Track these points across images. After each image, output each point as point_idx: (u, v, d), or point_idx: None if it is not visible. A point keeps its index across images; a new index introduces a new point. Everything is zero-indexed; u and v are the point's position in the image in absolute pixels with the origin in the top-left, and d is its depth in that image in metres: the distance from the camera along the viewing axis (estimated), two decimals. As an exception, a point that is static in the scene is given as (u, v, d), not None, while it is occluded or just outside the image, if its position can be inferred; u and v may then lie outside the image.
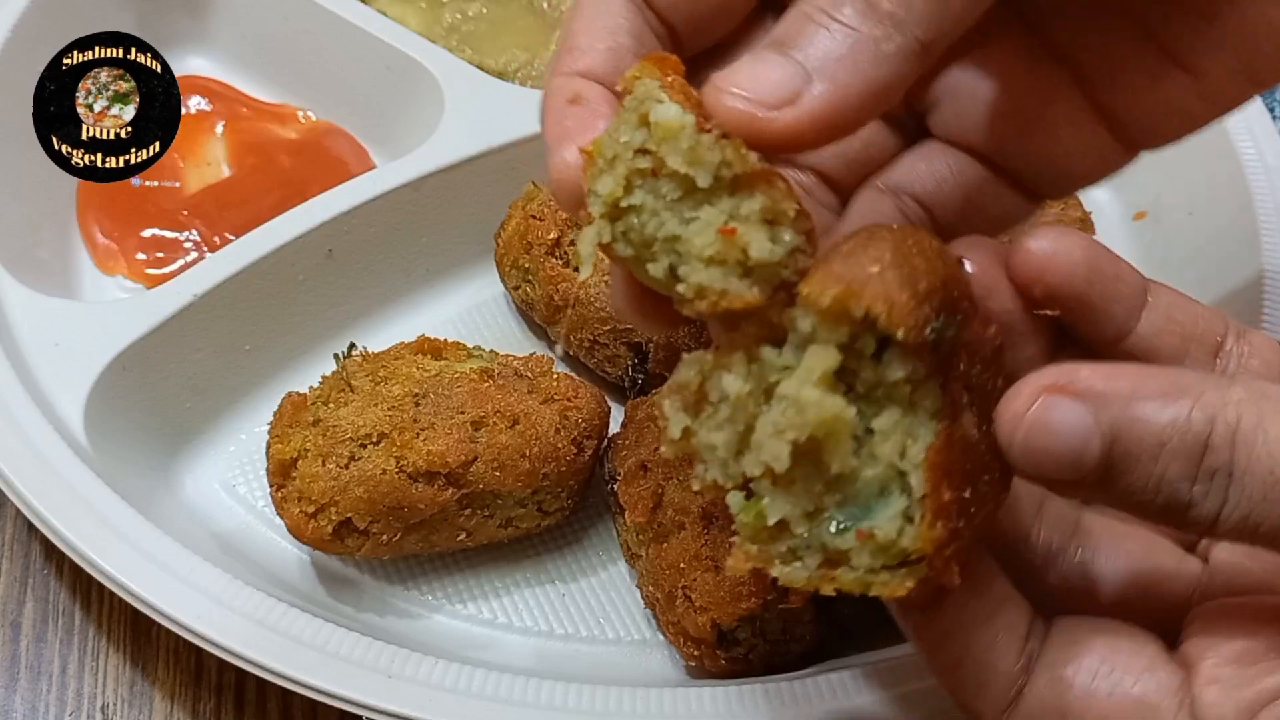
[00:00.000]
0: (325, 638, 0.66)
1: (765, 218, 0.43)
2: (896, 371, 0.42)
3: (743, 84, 0.43)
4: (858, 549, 0.43)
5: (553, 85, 0.48)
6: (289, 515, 0.71)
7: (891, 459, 0.43)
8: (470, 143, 0.88)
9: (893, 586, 0.43)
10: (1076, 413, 0.42)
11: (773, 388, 0.43)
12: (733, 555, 0.45)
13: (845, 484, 0.43)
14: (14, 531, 0.80)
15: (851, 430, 0.43)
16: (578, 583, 0.79)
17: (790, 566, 0.44)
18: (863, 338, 0.42)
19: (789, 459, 0.42)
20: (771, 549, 0.45)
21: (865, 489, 0.43)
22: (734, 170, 0.42)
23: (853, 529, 0.43)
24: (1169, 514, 0.43)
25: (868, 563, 0.43)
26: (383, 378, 0.74)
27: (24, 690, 0.75)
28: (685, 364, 0.45)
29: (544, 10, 1.06)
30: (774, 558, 0.44)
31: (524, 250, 0.85)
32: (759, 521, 0.44)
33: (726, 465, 0.44)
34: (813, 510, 0.44)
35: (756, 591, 0.67)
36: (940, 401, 0.43)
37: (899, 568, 0.43)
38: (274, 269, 0.82)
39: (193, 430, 0.82)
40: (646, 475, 0.72)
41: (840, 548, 0.43)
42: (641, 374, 0.82)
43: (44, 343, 0.77)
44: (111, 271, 0.90)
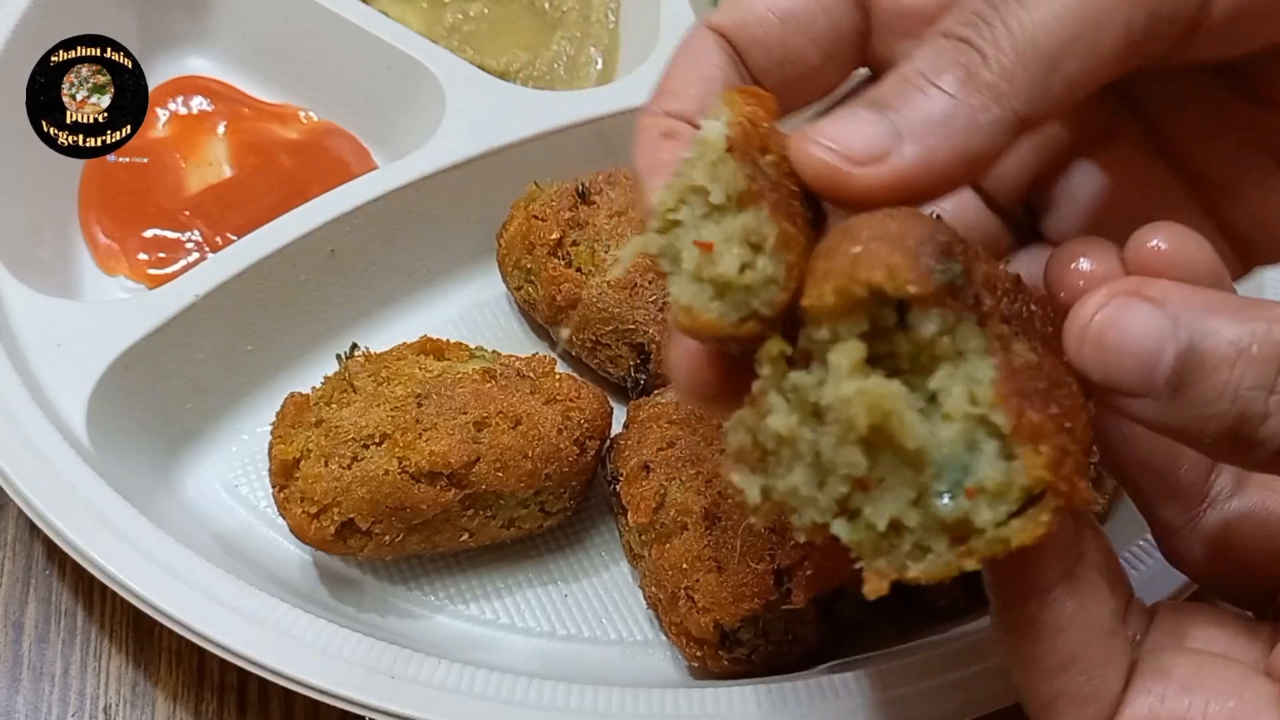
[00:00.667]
0: (327, 638, 0.66)
1: (749, 239, 0.43)
2: (927, 327, 0.42)
3: (832, 135, 0.43)
4: (975, 507, 0.42)
5: (645, 122, 0.49)
6: (291, 516, 0.71)
7: (963, 409, 0.42)
8: (472, 143, 0.88)
9: (1032, 528, 0.41)
10: (1153, 316, 0.41)
11: (818, 406, 0.43)
12: (867, 581, 0.43)
13: (932, 456, 0.42)
14: (16, 532, 0.80)
15: (906, 401, 0.42)
16: (580, 583, 0.79)
17: (925, 561, 0.43)
18: (880, 313, 0.42)
19: (865, 458, 0.42)
20: (898, 554, 0.43)
21: (953, 451, 0.42)
22: (735, 188, 0.43)
23: (960, 492, 0.42)
24: (1237, 433, 0.42)
25: (993, 516, 0.41)
26: (385, 378, 0.74)
27: (26, 691, 0.75)
28: (731, 430, 0.44)
29: (545, 10, 1.06)
30: (905, 561, 0.43)
31: (526, 251, 0.85)
32: (872, 533, 0.43)
33: (816, 500, 0.43)
34: (916, 497, 0.42)
35: (759, 592, 0.67)
36: (984, 339, 0.42)
37: (1027, 510, 0.41)
38: (276, 269, 0.82)
39: (195, 430, 0.82)
40: (649, 476, 0.72)
41: (959, 516, 0.42)
42: (644, 374, 0.82)
43: (46, 343, 0.77)
44: (113, 272, 0.90)
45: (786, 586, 0.68)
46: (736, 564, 0.68)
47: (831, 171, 0.43)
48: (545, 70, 1.02)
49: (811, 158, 0.43)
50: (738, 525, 0.69)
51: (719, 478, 0.71)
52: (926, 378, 0.42)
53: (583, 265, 0.84)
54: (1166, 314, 0.41)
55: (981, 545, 0.42)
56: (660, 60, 0.94)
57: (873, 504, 0.43)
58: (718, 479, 0.71)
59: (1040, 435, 0.41)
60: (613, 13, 1.06)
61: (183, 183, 0.95)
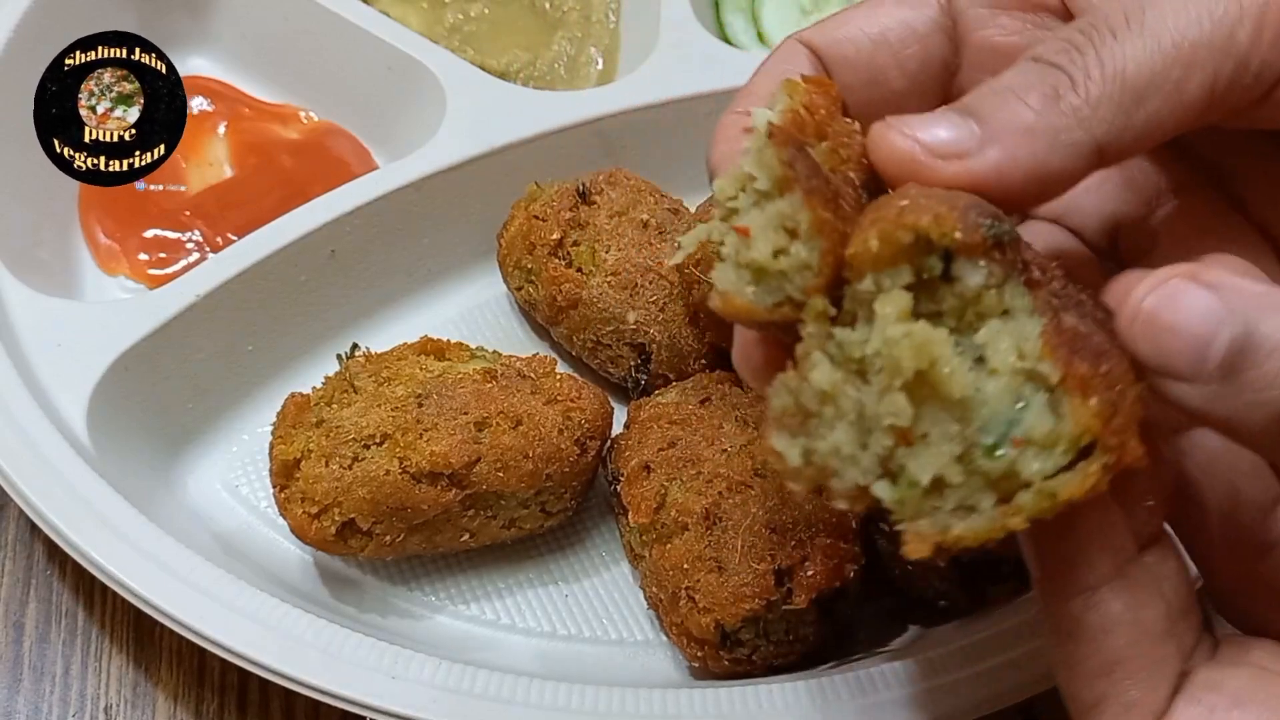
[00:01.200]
0: (328, 638, 0.66)
1: (785, 225, 0.43)
2: (973, 277, 0.42)
3: (915, 128, 0.45)
4: (1022, 457, 0.41)
5: (725, 120, 0.51)
6: (292, 516, 0.71)
7: (1010, 363, 0.41)
8: (472, 143, 0.88)
9: (1081, 481, 0.40)
10: (1208, 300, 0.41)
11: (862, 365, 0.42)
12: (908, 543, 0.42)
13: (977, 409, 0.42)
14: (17, 532, 0.80)
15: (951, 349, 0.41)
16: (580, 583, 0.79)
17: (969, 520, 0.42)
18: (925, 263, 0.42)
19: (909, 407, 0.41)
20: (941, 514, 0.42)
21: (999, 405, 0.41)
22: (775, 174, 0.43)
23: (1007, 441, 0.41)
24: None
25: (1040, 468, 0.41)
26: (386, 378, 0.74)
27: (27, 691, 0.75)
28: (773, 393, 0.44)
29: (545, 10, 1.06)
30: (949, 522, 0.42)
31: (527, 251, 0.85)
32: (914, 490, 0.42)
33: (858, 460, 0.43)
34: (960, 453, 0.42)
35: (759, 592, 0.67)
36: (1031, 299, 0.42)
37: (1076, 465, 0.41)
38: (276, 269, 0.82)
39: (195, 431, 0.82)
40: (649, 476, 0.72)
41: (1005, 470, 0.41)
42: (644, 374, 0.82)
43: (46, 343, 0.77)
44: (113, 272, 0.91)
45: (787, 587, 0.68)
46: (737, 564, 0.68)
47: (909, 160, 0.44)
48: (545, 70, 1.02)
49: (890, 143, 0.44)
50: (738, 525, 0.69)
51: (720, 478, 0.71)
52: (972, 335, 0.42)
53: (583, 265, 0.83)
54: (1221, 299, 0.41)
55: (1029, 501, 0.41)
56: (660, 60, 0.94)
57: (916, 459, 0.42)
58: (718, 479, 0.71)
59: (1089, 387, 0.40)
60: (613, 13, 1.06)
61: (183, 183, 0.95)
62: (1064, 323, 0.42)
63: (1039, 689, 0.66)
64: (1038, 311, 0.42)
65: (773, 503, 0.69)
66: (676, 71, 0.93)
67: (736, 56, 0.99)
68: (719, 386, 0.77)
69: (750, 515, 0.69)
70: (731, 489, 0.70)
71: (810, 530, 0.69)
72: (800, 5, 1.10)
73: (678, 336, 0.81)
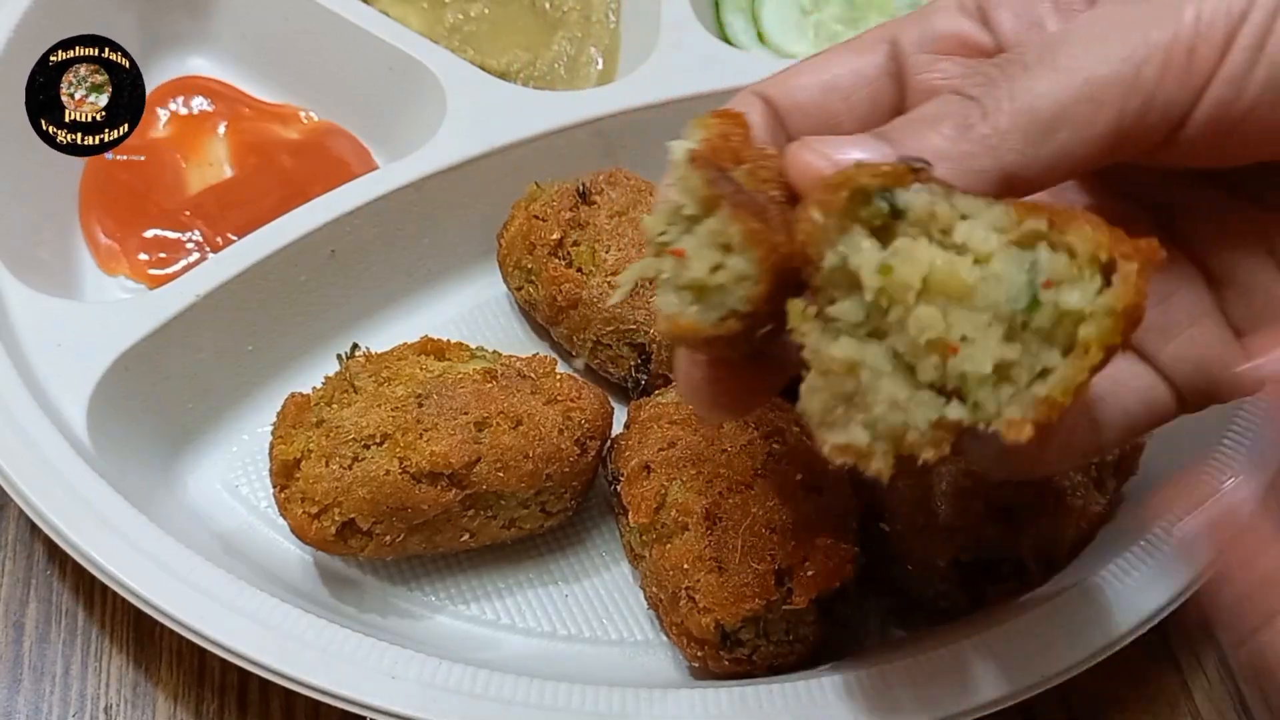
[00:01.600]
0: (328, 638, 0.66)
1: (718, 242, 0.45)
2: (920, 198, 0.44)
3: (830, 148, 0.47)
4: (1061, 294, 0.42)
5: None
6: (292, 516, 0.71)
7: (997, 240, 0.43)
8: (472, 143, 0.88)
9: (1125, 290, 0.42)
10: None
11: (870, 320, 0.44)
12: (1009, 432, 0.43)
13: (995, 288, 0.43)
14: (17, 532, 0.80)
15: (940, 252, 0.43)
16: (580, 584, 0.79)
17: (1051, 379, 0.42)
18: (871, 211, 0.43)
19: (938, 312, 0.43)
20: (1022, 394, 0.43)
21: (1010, 274, 0.43)
22: (699, 195, 0.45)
23: (1038, 293, 0.43)
24: None
25: (1082, 295, 0.42)
26: (386, 378, 0.74)
27: (27, 691, 0.75)
28: (804, 402, 0.45)
29: (545, 10, 1.06)
30: (1033, 395, 0.42)
31: (527, 251, 0.85)
32: (985, 386, 0.43)
33: (919, 398, 0.43)
34: (1004, 329, 0.43)
35: (760, 592, 0.67)
36: (983, 199, 0.44)
37: (1112, 283, 0.42)
38: (276, 269, 0.82)
39: (195, 431, 0.82)
40: (649, 476, 0.72)
41: (1053, 317, 0.42)
42: (644, 374, 0.82)
43: (46, 343, 0.77)
44: (114, 272, 0.90)
45: (787, 587, 0.68)
46: (737, 564, 0.68)
47: (821, 177, 0.46)
48: (546, 70, 1.02)
49: (805, 161, 0.47)
50: (739, 525, 0.69)
51: (720, 478, 0.71)
52: (949, 241, 0.44)
53: (583, 265, 0.84)
54: None
55: (1093, 330, 0.42)
56: (660, 60, 0.94)
57: (970, 359, 0.43)
58: (719, 479, 0.71)
59: (1076, 218, 0.42)
60: (613, 13, 1.06)
61: (183, 183, 0.95)
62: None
63: (1039, 689, 0.66)
64: (996, 202, 0.44)
65: (773, 503, 0.69)
66: (676, 71, 0.93)
67: (736, 56, 0.99)
68: (719, 386, 0.77)
69: (750, 515, 0.69)
70: (732, 489, 0.70)
71: (810, 530, 0.69)
72: (800, 5, 1.10)
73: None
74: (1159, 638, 0.79)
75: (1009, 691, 0.66)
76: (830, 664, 0.71)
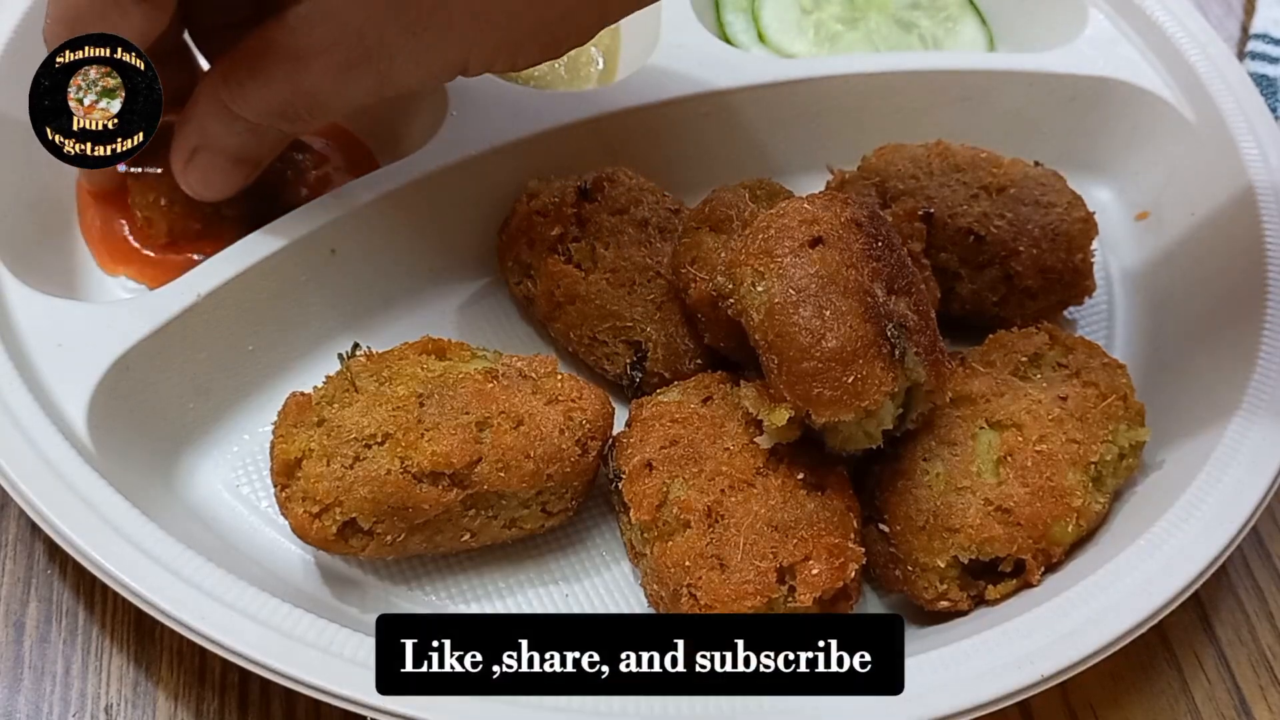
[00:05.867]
0: (329, 638, 0.66)
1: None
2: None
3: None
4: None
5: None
6: (293, 515, 0.71)
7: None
8: (473, 142, 0.88)
9: None
10: None
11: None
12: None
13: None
14: (17, 532, 0.80)
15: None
16: (581, 583, 0.79)
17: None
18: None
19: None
20: None
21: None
22: None
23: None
24: None
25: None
26: (387, 378, 0.74)
27: (27, 691, 0.74)
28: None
29: (546, 10, 1.06)
30: None
31: (527, 246, 0.85)
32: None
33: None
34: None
35: (761, 590, 0.67)
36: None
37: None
38: (277, 269, 0.82)
39: (196, 430, 0.82)
40: (651, 474, 0.72)
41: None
42: (639, 372, 0.82)
43: (47, 343, 0.77)
44: (114, 272, 0.90)
45: (789, 585, 0.68)
46: (739, 562, 0.68)
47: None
48: (545, 70, 1.02)
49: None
50: (740, 523, 0.69)
51: (722, 475, 0.71)
52: None
53: (582, 262, 0.84)
54: None
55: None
56: (660, 60, 0.94)
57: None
58: (721, 477, 0.71)
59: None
60: (613, 13, 1.06)
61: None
62: None
63: (1039, 689, 0.66)
64: None
65: (775, 501, 0.70)
66: (676, 71, 0.93)
67: (736, 56, 0.99)
68: (721, 386, 0.77)
69: (752, 513, 0.69)
70: (734, 487, 0.70)
71: (813, 529, 0.69)
72: (800, 4, 1.10)
73: (674, 336, 0.82)
74: (1159, 638, 0.79)
75: (1009, 691, 0.66)
76: (831, 663, 0.71)
